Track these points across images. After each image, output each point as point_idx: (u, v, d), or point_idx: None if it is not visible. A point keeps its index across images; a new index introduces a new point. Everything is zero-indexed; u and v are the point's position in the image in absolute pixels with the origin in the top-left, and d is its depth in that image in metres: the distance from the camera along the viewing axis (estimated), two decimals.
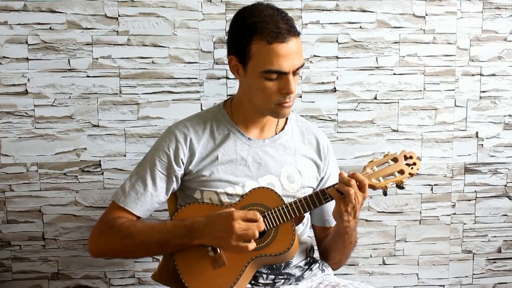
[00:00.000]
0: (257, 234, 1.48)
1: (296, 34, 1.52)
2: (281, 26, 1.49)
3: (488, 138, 2.29)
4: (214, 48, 2.15)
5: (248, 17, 1.54)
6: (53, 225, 2.19)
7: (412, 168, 1.60)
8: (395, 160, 1.61)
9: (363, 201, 1.55)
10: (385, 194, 1.60)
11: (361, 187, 1.53)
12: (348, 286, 1.61)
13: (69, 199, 2.18)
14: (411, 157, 1.61)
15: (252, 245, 1.49)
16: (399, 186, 1.60)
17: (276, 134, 1.69)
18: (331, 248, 1.73)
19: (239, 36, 1.55)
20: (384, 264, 2.33)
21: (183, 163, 1.62)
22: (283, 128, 1.70)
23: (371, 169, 1.59)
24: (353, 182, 1.51)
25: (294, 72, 1.53)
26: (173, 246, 1.55)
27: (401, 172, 1.60)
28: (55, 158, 2.15)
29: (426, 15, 2.20)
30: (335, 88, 2.21)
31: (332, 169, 1.77)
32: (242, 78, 1.60)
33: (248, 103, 1.62)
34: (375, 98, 2.23)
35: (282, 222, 1.54)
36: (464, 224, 2.33)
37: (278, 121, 1.69)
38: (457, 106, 2.26)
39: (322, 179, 1.74)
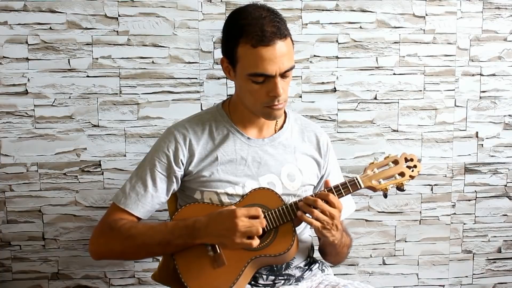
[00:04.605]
0: (260, 231, 1.48)
1: (284, 36, 1.50)
2: (267, 29, 1.48)
3: (488, 138, 2.29)
4: (214, 48, 2.15)
5: (237, 19, 1.54)
6: (53, 225, 2.19)
7: (412, 171, 1.61)
8: (395, 162, 1.61)
9: (339, 213, 1.54)
10: (385, 196, 1.60)
11: (326, 200, 1.52)
12: (348, 286, 1.61)
13: (69, 199, 2.18)
14: (411, 160, 1.61)
15: (256, 242, 1.49)
16: (400, 188, 1.60)
17: (276, 133, 1.69)
18: (326, 252, 1.74)
19: (228, 38, 1.55)
20: (384, 264, 2.33)
21: (182, 164, 1.62)
22: (282, 127, 1.70)
23: (372, 171, 1.59)
24: (319, 201, 1.51)
25: (283, 75, 1.52)
26: (174, 247, 1.55)
27: (402, 174, 1.60)
28: (55, 158, 2.15)
29: (426, 15, 2.20)
30: (335, 88, 2.21)
31: (332, 166, 1.77)
32: (233, 80, 1.61)
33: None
34: (375, 98, 2.23)
35: (282, 222, 1.54)
36: (464, 224, 2.33)
37: (276, 120, 1.69)
38: (457, 106, 2.26)
39: (322, 176, 1.74)
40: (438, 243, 2.33)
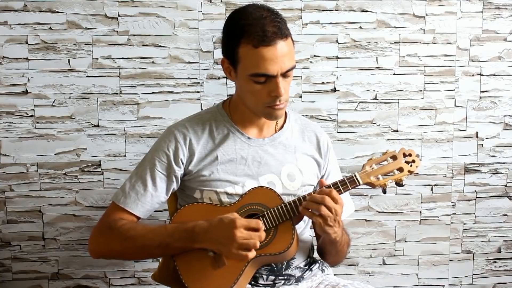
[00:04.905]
0: (258, 245, 1.47)
1: (285, 36, 1.51)
2: (268, 29, 1.48)
3: (488, 138, 2.29)
4: (214, 48, 2.15)
5: (237, 19, 1.54)
6: (53, 225, 2.19)
7: (411, 166, 1.60)
8: (394, 157, 1.61)
9: (341, 209, 1.53)
10: (384, 192, 1.60)
11: (331, 198, 1.51)
12: (348, 286, 1.61)
13: (69, 199, 2.18)
14: (410, 155, 1.61)
15: (252, 254, 1.47)
16: (398, 184, 1.60)
17: (276, 132, 1.69)
18: (325, 251, 1.73)
19: (228, 39, 1.55)
20: (384, 264, 2.33)
21: (182, 163, 1.62)
22: (282, 127, 1.70)
23: (370, 167, 1.59)
24: (327, 198, 1.50)
25: (285, 75, 1.52)
26: (173, 249, 1.55)
27: (400, 169, 1.60)
28: (55, 158, 2.15)
29: (426, 15, 2.20)
30: (335, 88, 2.21)
31: (332, 166, 1.77)
32: (234, 80, 1.61)
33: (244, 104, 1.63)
34: (375, 98, 2.23)
35: (281, 221, 1.54)
36: (464, 224, 2.33)
37: (277, 120, 1.69)
38: (457, 106, 2.26)
39: (322, 176, 1.74)
40: (438, 243, 2.33)
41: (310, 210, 1.52)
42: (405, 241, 2.31)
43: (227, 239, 1.47)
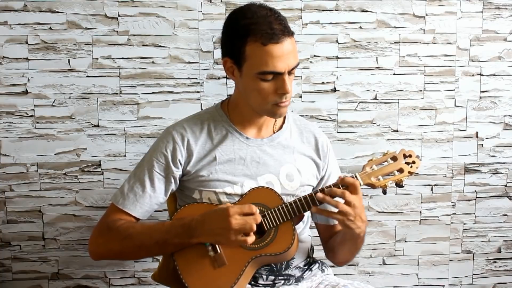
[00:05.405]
0: (254, 227, 1.48)
1: (290, 34, 1.52)
2: (275, 27, 1.49)
3: (488, 138, 2.29)
4: (214, 48, 2.15)
5: (241, 18, 1.54)
6: (53, 225, 2.19)
7: (411, 167, 1.60)
8: (394, 158, 1.61)
9: (361, 202, 1.53)
10: (384, 193, 1.60)
11: (352, 190, 1.51)
12: (348, 286, 1.61)
13: (69, 199, 2.18)
14: (410, 156, 1.61)
15: (251, 238, 1.48)
16: (399, 184, 1.60)
17: (274, 133, 1.69)
18: (341, 249, 1.70)
19: (232, 38, 1.55)
20: (384, 264, 2.33)
21: (181, 164, 1.62)
22: (281, 127, 1.70)
23: (370, 168, 1.59)
24: (347, 194, 1.50)
25: (290, 72, 1.53)
26: (172, 246, 1.55)
27: (401, 170, 1.60)
28: (55, 158, 2.15)
29: (426, 15, 2.20)
30: (335, 88, 2.21)
31: (333, 167, 1.76)
32: (237, 80, 1.60)
33: (245, 104, 1.62)
34: (375, 98, 2.23)
35: (282, 221, 1.54)
36: (464, 224, 2.33)
37: (276, 120, 1.69)
38: (457, 106, 2.26)
39: (322, 178, 1.74)
40: (438, 243, 2.33)
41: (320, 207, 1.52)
42: (405, 241, 2.32)
43: (223, 229, 1.48)
